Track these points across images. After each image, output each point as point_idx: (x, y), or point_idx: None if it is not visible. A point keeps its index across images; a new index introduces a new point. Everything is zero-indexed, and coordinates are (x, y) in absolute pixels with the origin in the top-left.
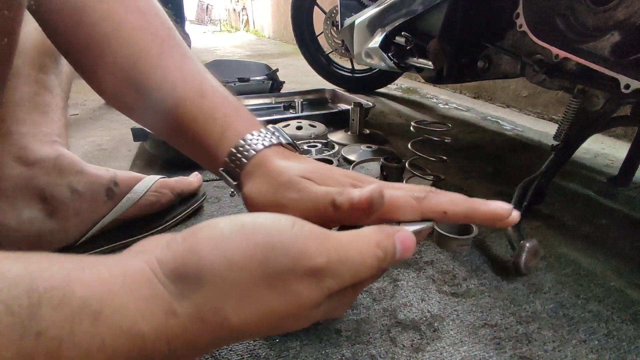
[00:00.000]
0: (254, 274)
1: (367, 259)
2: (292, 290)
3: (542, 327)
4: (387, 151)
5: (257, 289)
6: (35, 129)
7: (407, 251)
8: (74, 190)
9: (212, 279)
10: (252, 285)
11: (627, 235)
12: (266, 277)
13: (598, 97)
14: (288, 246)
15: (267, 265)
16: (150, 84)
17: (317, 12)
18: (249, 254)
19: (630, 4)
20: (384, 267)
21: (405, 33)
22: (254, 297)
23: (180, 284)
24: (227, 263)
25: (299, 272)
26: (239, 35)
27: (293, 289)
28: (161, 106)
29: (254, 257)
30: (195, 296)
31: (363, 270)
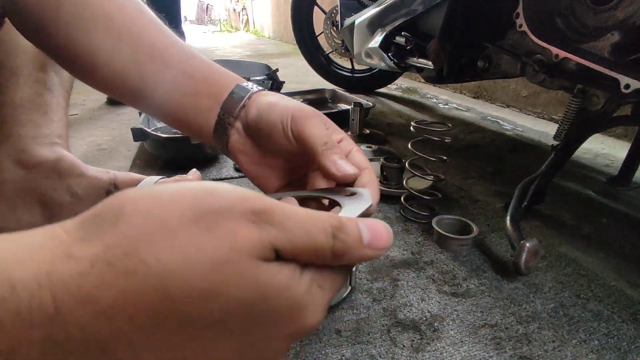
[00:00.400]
0: (184, 212)
1: (322, 227)
2: (227, 229)
3: (542, 327)
4: (387, 151)
5: (185, 227)
6: (35, 131)
7: (379, 239)
8: (74, 193)
9: (130, 214)
10: (180, 223)
11: (627, 235)
12: (197, 216)
13: (598, 97)
14: (227, 191)
15: (200, 203)
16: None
17: (317, 12)
18: (181, 194)
19: (630, 4)
20: (344, 250)
21: (405, 33)
22: (180, 236)
23: (89, 226)
24: (152, 199)
25: (236, 213)
26: (239, 35)
27: (228, 228)
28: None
29: (186, 196)
30: (105, 236)
31: (315, 232)
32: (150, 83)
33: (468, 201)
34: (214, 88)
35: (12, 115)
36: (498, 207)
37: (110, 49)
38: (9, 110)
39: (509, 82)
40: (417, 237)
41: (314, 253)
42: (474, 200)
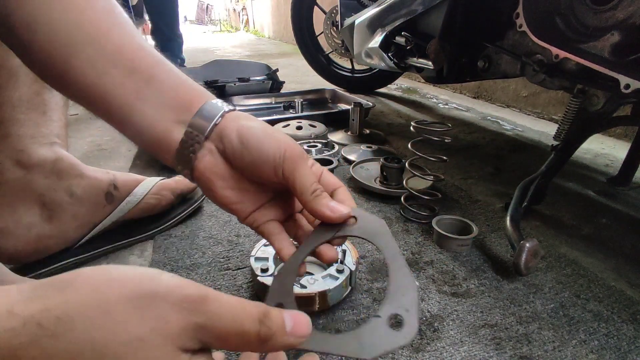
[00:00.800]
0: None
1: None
2: (157, 313)
3: (542, 327)
4: (387, 151)
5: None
6: (34, 130)
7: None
8: (73, 194)
9: (78, 285)
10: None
11: (627, 235)
12: (135, 296)
13: (598, 97)
14: (168, 279)
15: (141, 286)
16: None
17: (317, 12)
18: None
19: (630, 4)
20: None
21: (405, 33)
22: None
23: (40, 289)
24: (104, 277)
25: (171, 299)
26: (239, 35)
27: (159, 312)
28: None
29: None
30: (48, 300)
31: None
32: (109, 86)
33: (468, 201)
34: (181, 100)
35: (11, 114)
36: (498, 207)
37: (71, 45)
38: (8, 110)
39: (509, 82)
40: (417, 237)
41: (241, 337)
42: (474, 200)
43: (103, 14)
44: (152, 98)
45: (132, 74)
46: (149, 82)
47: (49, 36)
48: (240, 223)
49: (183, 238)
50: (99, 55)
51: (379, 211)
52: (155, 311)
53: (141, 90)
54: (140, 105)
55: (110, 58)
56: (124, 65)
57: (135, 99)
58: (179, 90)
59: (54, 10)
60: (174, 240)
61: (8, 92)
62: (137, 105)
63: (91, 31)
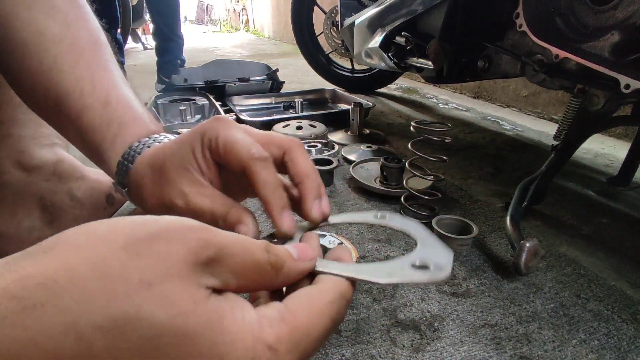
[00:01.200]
0: (115, 241)
1: (255, 243)
2: (158, 251)
3: (542, 327)
4: (387, 151)
5: (113, 255)
6: (34, 131)
7: (306, 251)
8: (74, 197)
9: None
10: (109, 251)
11: (627, 235)
12: (129, 242)
13: (598, 97)
14: (166, 218)
15: (135, 231)
16: (60, 90)
17: (317, 12)
18: (118, 225)
19: (630, 4)
20: (280, 263)
21: (405, 33)
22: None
23: (14, 261)
24: (87, 233)
25: (172, 237)
26: (239, 35)
27: (160, 250)
28: (69, 113)
29: (122, 227)
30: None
31: (254, 250)
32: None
33: (468, 201)
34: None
35: (11, 115)
36: (498, 207)
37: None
38: (8, 110)
39: (509, 82)
40: None
41: (257, 269)
42: (474, 200)
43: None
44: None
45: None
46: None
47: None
48: None
49: None
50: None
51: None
52: (157, 251)
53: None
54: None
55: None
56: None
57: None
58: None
59: None
60: None
61: (9, 91)
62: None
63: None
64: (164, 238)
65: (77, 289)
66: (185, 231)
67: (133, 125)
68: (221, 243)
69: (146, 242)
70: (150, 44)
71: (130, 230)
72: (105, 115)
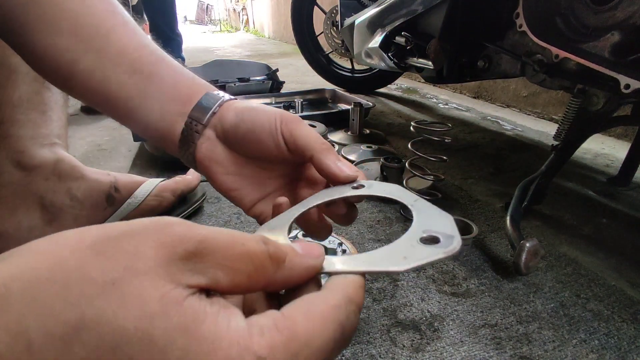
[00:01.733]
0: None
1: (249, 235)
2: (134, 250)
3: (542, 327)
4: (387, 151)
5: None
6: (34, 131)
7: (311, 249)
8: (73, 197)
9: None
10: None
11: (627, 235)
12: (95, 242)
13: (598, 97)
14: (140, 220)
15: (104, 231)
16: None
17: (317, 12)
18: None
19: (630, 4)
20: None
21: (405, 33)
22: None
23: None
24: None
25: (145, 234)
26: (238, 35)
27: (135, 249)
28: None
29: (91, 229)
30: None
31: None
32: (113, 87)
33: (468, 201)
34: (182, 94)
35: (11, 115)
36: (498, 207)
37: (74, 50)
38: (8, 110)
39: (509, 82)
40: None
41: (250, 260)
42: (474, 200)
43: (102, 16)
44: (154, 95)
45: (135, 74)
46: (151, 79)
47: (49, 41)
48: (241, 222)
49: None
50: (101, 60)
51: (379, 211)
52: (124, 248)
53: (144, 88)
54: (143, 103)
55: (112, 61)
56: (126, 66)
57: (139, 97)
58: (180, 85)
59: (47, 17)
60: None
61: (8, 91)
62: (141, 103)
63: (91, 35)
64: (134, 234)
65: (30, 294)
66: (160, 226)
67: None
68: (202, 235)
69: (114, 240)
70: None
71: (98, 232)
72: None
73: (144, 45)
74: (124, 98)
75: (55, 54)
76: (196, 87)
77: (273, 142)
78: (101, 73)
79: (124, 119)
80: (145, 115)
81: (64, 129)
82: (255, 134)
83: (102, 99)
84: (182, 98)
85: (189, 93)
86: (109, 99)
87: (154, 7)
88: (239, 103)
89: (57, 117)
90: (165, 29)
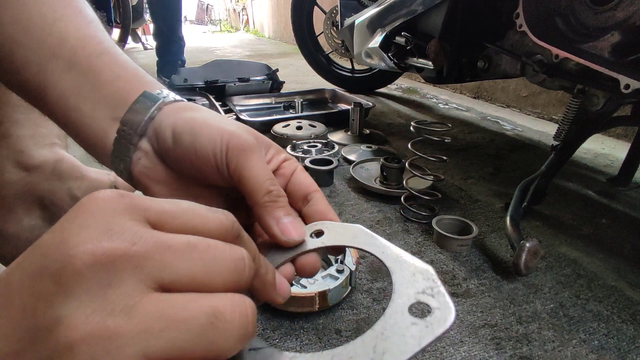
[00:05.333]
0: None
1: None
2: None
3: (542, 327)
4: (387, 151)
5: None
6: (34, 131)
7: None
8: (74, 196)
9: None
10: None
11: (627, 235)
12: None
13: (598, 97)
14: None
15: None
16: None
17: (317, 12)
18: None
19: (630, 4)
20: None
21: (405, 33)
22: None
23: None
24: None
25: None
26: (238, 35)
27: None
28: None
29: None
30: None
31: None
32: (49, 82)
33: (468, 201)
34: (118, 93)
35: (11, 114)
36: (498, 207)
37: (13, 40)
38: (8, 110)
39: (509, 82)
40: (417, 237)
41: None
42: (474, 200)
43: (53, 5)
44: (88, 93)
45: (72, 68)
46: (87, 75)
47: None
48: None
49: None
50: (41, 50)
51: (379, 211)
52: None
53: (79, 85)
54: (76, 102)
55: (51, 51)
56: (65, 58)
57: (73, 95)
58: (118, 82)
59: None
60: None
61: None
62: (74, 103)
63: (35, 24)
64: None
65: None
66: (116, 196)
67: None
68: (163, 207)
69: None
70: (151, 44)
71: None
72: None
73: (91, 37)
74: (57, 96)
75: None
76: (135, 84)
77: (219, 175)
78: (38, 65)
79: (59, 121)
80: (76, 118)
81: None
82: (194, 164)
83: (37, 95)
84: (118, 98)
85: (126, 91)
86: (44, 96)
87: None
88: (182, 112)
89: None
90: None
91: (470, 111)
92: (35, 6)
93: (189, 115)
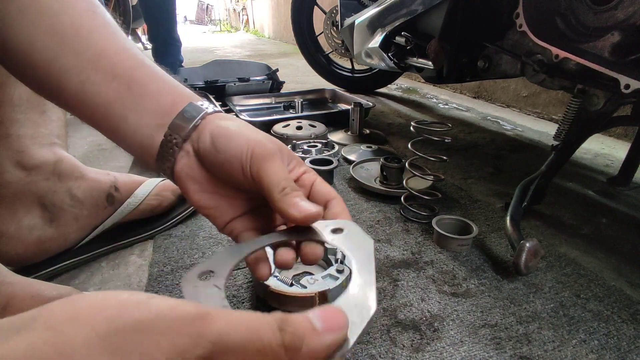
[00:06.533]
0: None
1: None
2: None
3: (542, 327)
4: (387, 151)
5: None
6: (34, 131)
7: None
8: (74, 196)
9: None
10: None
11: (627, 235)
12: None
13: (598, 97)
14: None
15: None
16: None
17: (317, 12)
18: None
19: (630, 4)
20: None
21: (405, 33)
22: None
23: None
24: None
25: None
26: (238, 35)
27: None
28: None
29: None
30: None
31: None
32: (91, 91)
33: (468, 201)
34: (163, 104)
35: (11, 114)
36: (498, 207)
37: (52, 49)
38: (8, 110)
39: (509, 82)
40: (417, 237)
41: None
42: (474, 200)
43: (82, 16)
44: (133, 104)
45: (114, 79)
46: (130, 87)
47: (27, 38)
48: None
49: (183, 238)
50: (80, 62)
51: (379, 211)
52: (138, 349)
53: (123, 96)
54: (122, 112)
55: (90, 64)
56: (105, 70)
57: (117, 105)
58: (162, 94)
59: (27, 13)
60: (174, 240)
61: (8, 91)
62: (120, 112)
63: (70, 36)
64: (148, 331)
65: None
66: (175, 323)
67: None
68: (218, 334)
69: (127, 334)
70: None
71: (112, 314)
72: None
73: (124, 50)
74: (102, 106)
75: (33, 52)
76: (178, 97)
77: (244, 177)
78: (78, 76)
79: (102, 128)
80: (123, 126)
81: (64, 129)
82: (225, 166)
83: (79, 106)
84: (163, 108)
85: (170, 102)
86: (86, 106)
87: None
88: (219, 120)
89: (57, 116)
90: (162, 33)
91: (470, 111)
92: (67, 17)
93: (224, 124)
